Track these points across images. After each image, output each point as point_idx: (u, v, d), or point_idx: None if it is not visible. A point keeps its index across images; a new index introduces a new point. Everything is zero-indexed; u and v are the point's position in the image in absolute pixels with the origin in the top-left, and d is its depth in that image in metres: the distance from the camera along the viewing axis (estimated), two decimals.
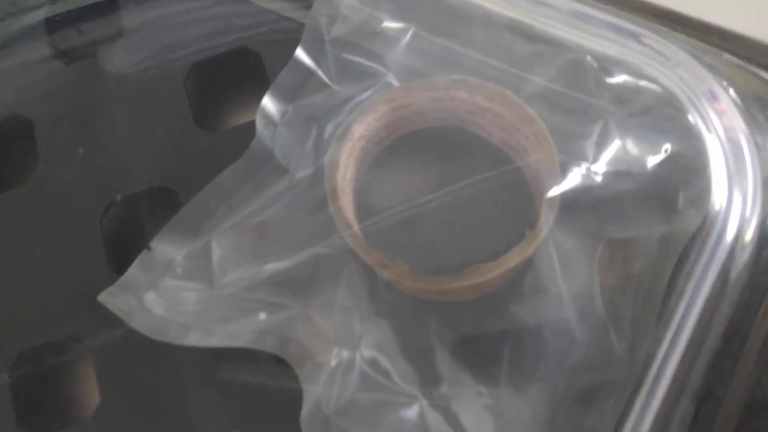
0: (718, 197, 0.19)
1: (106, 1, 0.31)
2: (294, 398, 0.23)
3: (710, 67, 0.21)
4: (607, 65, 0.22)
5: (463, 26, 0.25)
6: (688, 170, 0.19)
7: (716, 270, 0.18)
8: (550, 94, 0.23)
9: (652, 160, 0.21)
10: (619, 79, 0.22)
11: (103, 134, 0.28)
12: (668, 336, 0.18)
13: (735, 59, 0.22)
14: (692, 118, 0.19)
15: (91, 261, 0.26)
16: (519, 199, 0.23)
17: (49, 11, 0.31)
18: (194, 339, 0.22)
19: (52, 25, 0.31)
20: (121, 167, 0.28)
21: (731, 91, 0.20)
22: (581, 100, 0.22)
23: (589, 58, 0.21)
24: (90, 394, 0.26)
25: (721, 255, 0.18)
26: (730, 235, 0.18)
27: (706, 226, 0.18)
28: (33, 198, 0.28)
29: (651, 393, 0.18)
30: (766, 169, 0.19)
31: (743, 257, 0.18)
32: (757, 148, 0.19)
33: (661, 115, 0.21)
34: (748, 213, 0.18)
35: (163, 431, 0.25)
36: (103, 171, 0.28)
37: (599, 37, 0.22)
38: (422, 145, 0.25)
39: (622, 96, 0.22)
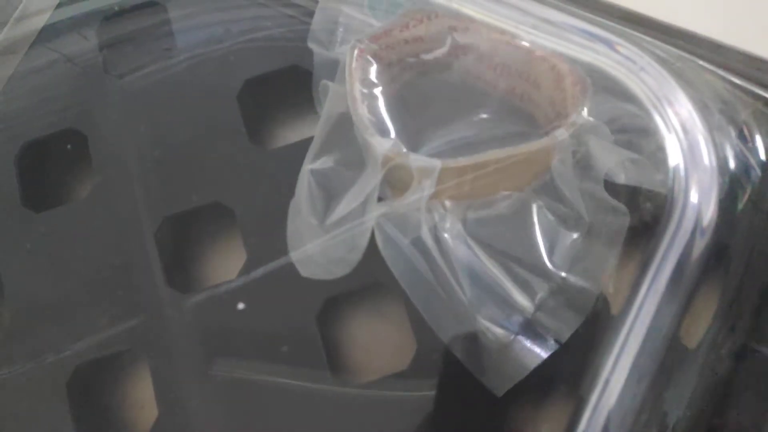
0: (677, 191, 0.20)
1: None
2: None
3: (676, 71, 0.21)
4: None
5: None
6: (654, 165, 0.20)
7: (672, 264, 0.19)
8: None
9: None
10: None
11: (156, 149, 0.29)
12: (628, 322, 0.19)
13: (701, 62, 0.23)
14: (654, 118, 0.20)
15: (146, 274, 0.27)
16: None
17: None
18: None
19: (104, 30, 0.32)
20: (175, 183, 0.28)
21: (694, 93, 0.21)
22: None
23: None
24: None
25: (677, 247, 0.19)
26: (687, 228, 0.19)
27: (665, 218, 0.19)
28: (87, 212, 0.28)
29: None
30: (722, 164, 0.20)
31: (699, 250, 0.19)
32: (715, 145, 0.20)
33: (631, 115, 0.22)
34: (704, 205, 0.19)
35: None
36: (157, 186, 0.28)
37: (571, 42, 0.22)
38: None
39: None
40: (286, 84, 0.29)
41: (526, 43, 0.23)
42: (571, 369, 0.21)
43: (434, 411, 0.23)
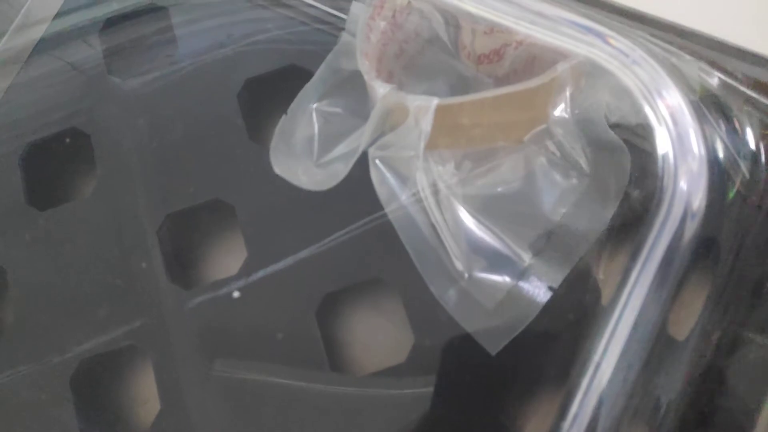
0: (666, 180, 0.20)
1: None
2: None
3: (668, 64, 0.22)
4: None
5: None
6: (643, 158, 0.21)
7: (662, 249, 0.19)
8: None
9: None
10: None
11: (158, 148, 0.29)
12: (618, 306, 0.19)
13: (692, 56, 0.23)
14: (645, 111, 0.21)
15: (148, 271, 0.27)
16: None
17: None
18: None
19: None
20: (177, 181, 0.28)
21: (684, 86, 0.21)
22: None
23: None
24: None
25: (668, 232, 0.19)
26: (677, 214, 0.19)
27: (655, 204, 0.20)
28: (90, 210, 0.29)
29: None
30: (711, 155, 0.20)
31: (689, 235, 0.19)
32: (704, 137, 0.20)
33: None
34: (693, 192, 0.20)
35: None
36: (159, 184, 0.28)
37: (565, 35, 0.22)
38: None
39: None
40: (285, 83, 0.29)
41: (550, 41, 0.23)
42: (564, 359, 0.21)
43: (431, 402, 0.23)
